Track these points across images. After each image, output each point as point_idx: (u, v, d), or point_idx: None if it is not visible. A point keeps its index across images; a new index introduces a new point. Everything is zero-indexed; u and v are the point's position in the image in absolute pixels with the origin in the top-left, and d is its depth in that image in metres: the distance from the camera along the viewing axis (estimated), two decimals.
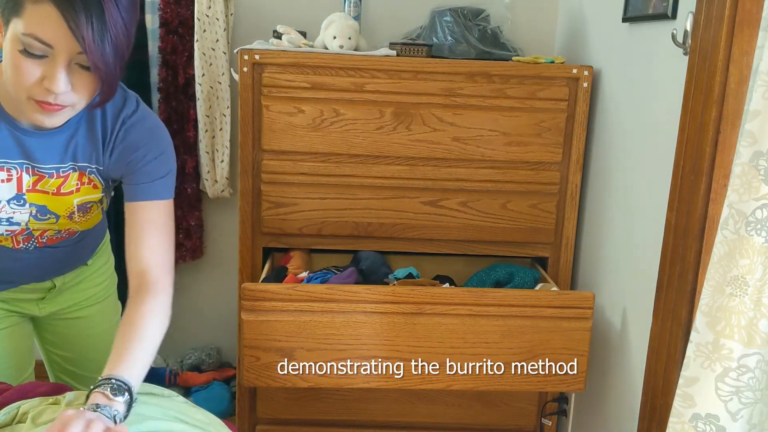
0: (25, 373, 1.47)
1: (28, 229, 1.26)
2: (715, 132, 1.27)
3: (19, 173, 1.18)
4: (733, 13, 1.22)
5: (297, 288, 1.70)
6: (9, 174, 1.17)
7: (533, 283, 1.92)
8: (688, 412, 1.13)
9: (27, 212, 1.22)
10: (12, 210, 1.20)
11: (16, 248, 1.29)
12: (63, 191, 1.23)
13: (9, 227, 1.23)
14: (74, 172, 1.22)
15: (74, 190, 1.24)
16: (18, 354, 1.44)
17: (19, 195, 1.19)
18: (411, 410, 2.07)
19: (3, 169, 1.17)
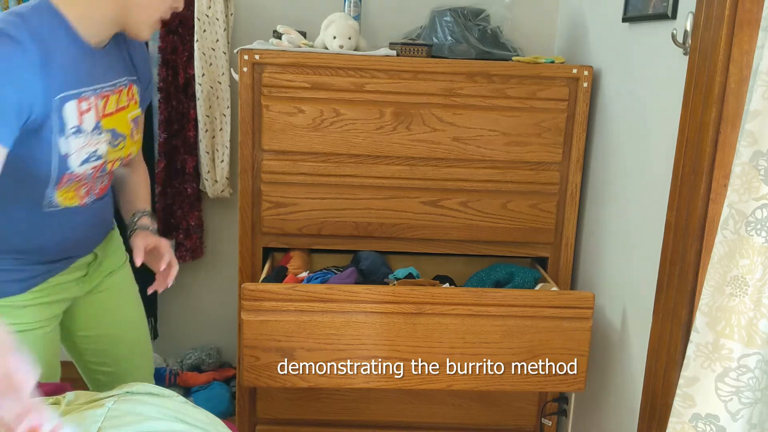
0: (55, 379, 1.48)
1: (104, 164, 1.30)
2: (715, 132, 1.27)
3: (95, 100, 1.24)
4: (733, 13, 1.22)
5: (297, 288, 1.70)
6: (88, 103, 1.22)
7: (533, 283, 1.92)
8: (688, 412, 1.13)
9: (104, 140, 1.26)
10: (95, 141, 1.24)
11: (81, 205, 1.32)
12: (120, 106, 1.29)
13: (95, 163, 1.27)
14: (125, 87, 1.32)
15: (125, 106, 1.31)
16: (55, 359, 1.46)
17: (97, 123, 1.24)
18: (411, 410, 2.07)
19: (84, 99, 1.21)
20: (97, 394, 1.14)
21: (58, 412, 1.08)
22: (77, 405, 1.10)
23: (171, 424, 1.07)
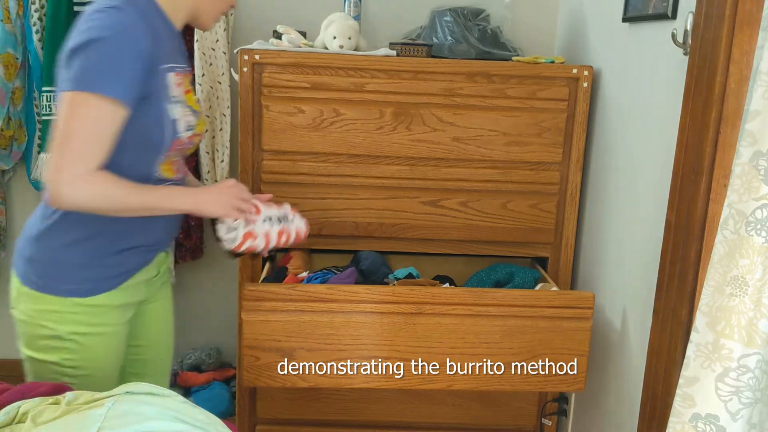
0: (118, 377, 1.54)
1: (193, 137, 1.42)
2: (715, 132, 1.27)
3: (181, 77, 1.38)
4: (733, 13, 1.22)
5: (297, 288, 1.70)
6: (178, 78, 1.36)
7: (533, 283, 1.92)
8: (688, 412, 1.13)
9: (190, 114, 1.39)
10: (187, 113, 1.38)
11: (175, 179, 1.44)
12: (187, 89, 1.41)
13: (190, 132, 1.39)
14: (189, 72, 1.45)
15: (190, 89, 1.43)
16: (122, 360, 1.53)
17: (183, 97, 1.38)
18: (411, 410, 2.07)
19: (177, 74, 1.36)
20: (97, 394, 1.13)
21: (58, 412, 1.09)
22: (77, 405, 1.10)
23: (171, 424, 1.07)
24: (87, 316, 1.38)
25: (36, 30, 2.28)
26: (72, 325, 1.37)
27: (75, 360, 1.39)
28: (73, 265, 1.36)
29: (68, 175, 1.21)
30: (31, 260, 1.38)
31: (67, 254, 1.36)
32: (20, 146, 2.40)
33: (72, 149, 1.21)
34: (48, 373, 1.40)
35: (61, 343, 1.38)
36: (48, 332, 1.37)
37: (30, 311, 1.38)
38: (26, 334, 1.40)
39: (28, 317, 1.38)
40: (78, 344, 1.38)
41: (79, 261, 1.36)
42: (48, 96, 2.29)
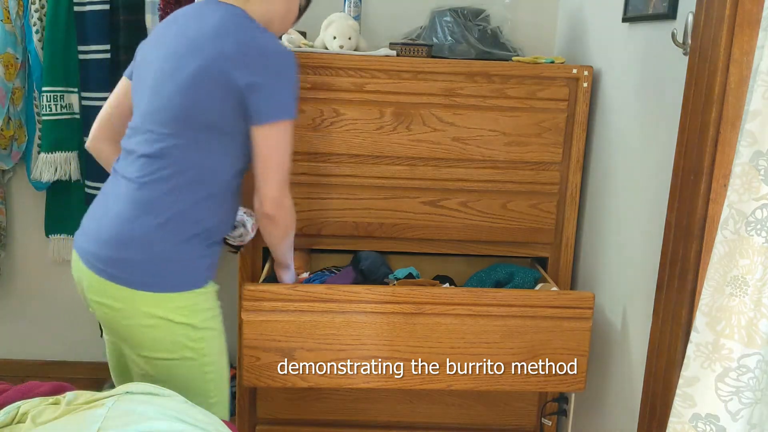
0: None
1: None
2: (715, 132, 1.27)
3: None
4: (733, 13, 1.22)
5: (297, 288, 1.70)
6: None
7: (533, 283, 1.92)
8: (688, 412, 1.13)
9: None
10: None
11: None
12: None
13: None
14: None
15: None
16: None
17: None
18: (411, 410, 2.07)
19: None
20: (96, 394, 1.14)
21: (58, 412, 1.09)
22: (77, 405, 1.10)
23: (171, 424, 1.07)
24: (208, 302, 1.50)
25: (36, 30, 2.28)
26: (201, 313, 1.47)
27: (206, 349, 1.48)
28: (192, 259, 1.46)
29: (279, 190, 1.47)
30: (151, 263, 1.42)
31: (185, 250, 1.45)
32: (20, 146, 2.40)
33: (283, 171, 1.47)
34: (190, 371, 1.46)
35: (196, 333, 1.45)
36: (179, 327, 1.43)
37: (158, 313, 1.41)
38: (157, 339, 1.43)
39: (159, 320, 1.42)
40: (210, 331, 1.50)
41: (197, 254, 1.47)
42: (48, 96, 2.29)
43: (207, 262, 1.51)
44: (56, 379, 1.50)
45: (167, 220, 1.42)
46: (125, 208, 1.42)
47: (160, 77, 1.43)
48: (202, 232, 1.47)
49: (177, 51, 1.43)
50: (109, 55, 2.31)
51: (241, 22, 1.43)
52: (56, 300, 2.58)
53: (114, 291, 1.42)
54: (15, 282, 2.58)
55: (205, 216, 1.46)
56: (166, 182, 1.42)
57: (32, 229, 2.51)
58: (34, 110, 2.38)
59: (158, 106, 1.42)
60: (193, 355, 1.46)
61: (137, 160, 1.44)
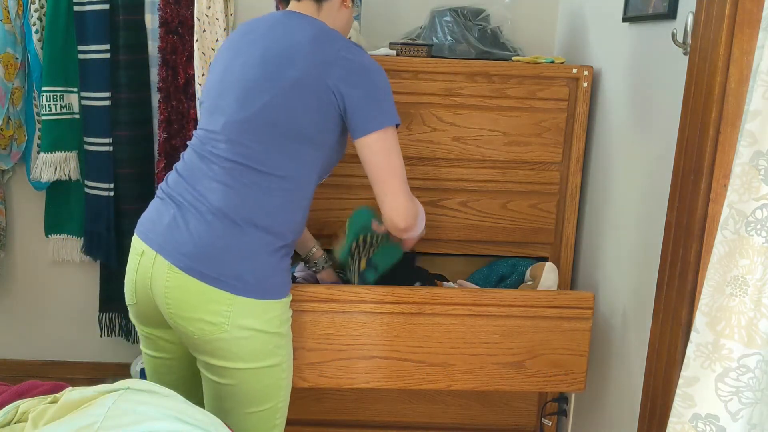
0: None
1: None
2: (715, 132, 1.27)
3: None
4: (733, 13, 1.22)
5: (297, 288, 1.70)
6: None
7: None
8: (688, 412, 1.13)
9: None
10: None
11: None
12: None
13: None
14: None
15: None
16: None
17: None
18: (411, 410, 2.07)
19: None
20: (96, 393, 1.13)
21: (58, 411, 1.08)
22: (77, 403, 1.10)
23: (171, 424, 1.07)
24: (288, 311, 1.53)
25: (36, 30, 2.28)
26: (286, 323, 1.51)
27: (287, 355, 1.52)
28: (280, 269, 1.48)
29: (406, 198, 1.48)
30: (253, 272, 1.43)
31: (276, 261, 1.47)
32: (20, 146, 2.40)
33: (402, 177, 1.47)
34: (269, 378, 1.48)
35: (282, 340, 1.49)
36: (271, 336, 1.46)
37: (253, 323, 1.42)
38: (246, 347, 1.43)
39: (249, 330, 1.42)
40: (288, 338, 1.52)
41: (284, 264, 1.50)
42: (48, 96, 2.29)
43: (289, 272, 1.54)
44: (56, 379, 1.51)
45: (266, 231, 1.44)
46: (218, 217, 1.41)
47: (249, 86, 1.43)
48: (287, 242, 1.49)
49: (267, 60, 1.43)
50: (109, 54, 2.30)
51: (332, 35, 1.46)
52: (56, 300, 2.58)
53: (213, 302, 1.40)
54: (14, 282, 2.57)
55: (290, 225, 1.48)
56: (275, 196, 1.43)
57: (32, 229, 2.51)
58: (34, 110, 2.38)
59: (248, 116, 1.42)
60: (279, 361, 1.48)
61: (229, 168, 1.42)
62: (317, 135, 1.45)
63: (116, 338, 2.49)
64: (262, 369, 1.46)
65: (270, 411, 1.49)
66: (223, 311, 1.39)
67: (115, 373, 2.48)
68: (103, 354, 2.61)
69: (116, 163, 2.36)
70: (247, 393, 1.46)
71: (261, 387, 1.48)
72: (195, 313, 1.39)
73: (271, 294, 1.45)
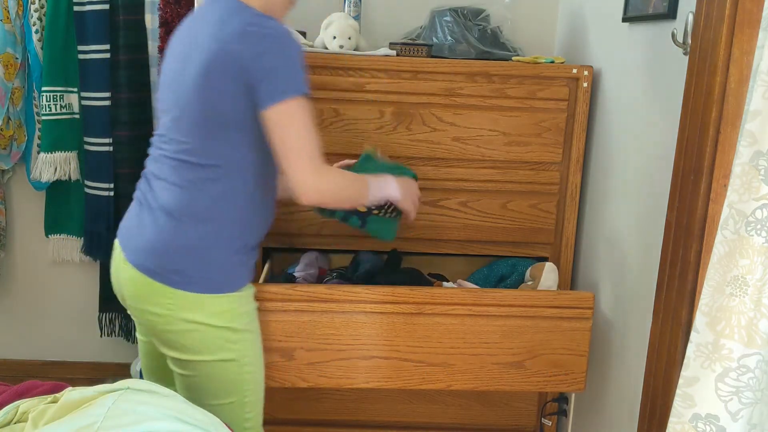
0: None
1: None
2: (715, 132, 1.27)
3: None
4: (733, 13, 1.22)
5: (297, 288, 1.70)
6: None
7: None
8: (688, 412, 1.13)
9: None
10: None
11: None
12: None
13: None
14: None
15: None
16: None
17: None
18: (411, 410, 2.07)
19: None
20: (96, 393, 1.13)
21: (58, 411, 1.08)
22: (77, 403, 1.10)
23: (171, 424, 1.07)
24: (246, 305, 1.51)
25: (36, 30, 2.28)
26: (240, 317, 1.48)
27: (246, 350, 1.50)
28: (231, 263, 1.47)
29: (310, 173, 1.37)
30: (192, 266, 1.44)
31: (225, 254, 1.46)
32: (20, 146, 2.40)
33: (306, 151, 1.37)
34: (228, 372, 1.48)
35: (235, 335, 1.47)
36: (220, 330, 1.45)
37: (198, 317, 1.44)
38: (195, 340, 1.45)
39: (195, 323, 1.44)
40: (249, 333, 1.51)
41: (236, 258, 1.47)
42: (48, 96, 2.29)
43: (245, 268, 1.51)
44: (56, 379, 1.51)
45: (211, 222, 1.43)
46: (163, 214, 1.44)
47: (174, 82, 1.44)
48: (235, 234, 1.47)
49: (183, 53, 1.43)
50: (109, 54, 2.30)
51: (241, 9, 1.40)
52: (56, 300, 2.58)
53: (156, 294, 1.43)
54: (14, 282, 2.57)
55: (234, 214, 1.45)
56: (206, 185, 1.42)
57: (32, 229, 2.51)
58: (34, 110, 2.38)
59: (180, 113, 1.42)
60: (235, 356, 1.48)
61: (173, 166, 1.44)
62: (239, 116, 1.39)
63: (116, 338, 2.49)
64: (215, 362, 1.46)
65: (236, 405, 1.49)
66: (166, 304, 1.43)
67: (115, 373, 2.48)
68: (103, 354, 2.61)
69: (116, 163, 2.36)
70: (207, 385, 1.47)
71: (220, 380, 1.48)
72: (144, 305, 1.46)
73: (216, 288, 1.44)
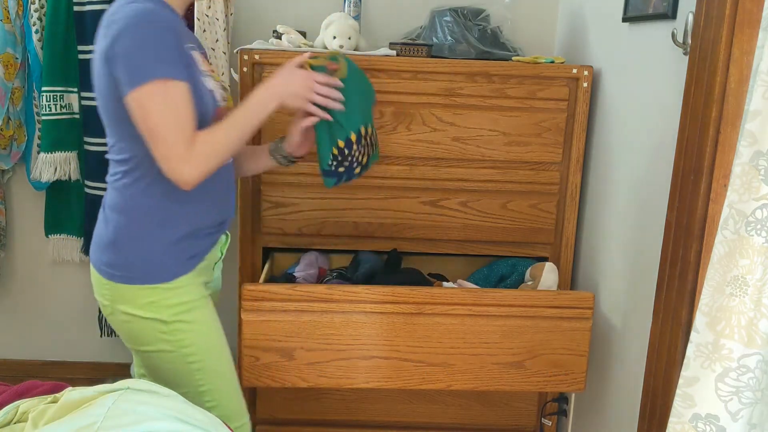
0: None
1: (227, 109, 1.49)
2: (715, 132, 1.27)
3: (201, 56, 1.46)
4: (733, 13, 1.22)
5: (297, 288, 1.70)
6: (200, 56, 1.45)
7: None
8: (688, 412, 1.13)
9: (220, 87, 1.48)
10: (217, 87, 1.46)
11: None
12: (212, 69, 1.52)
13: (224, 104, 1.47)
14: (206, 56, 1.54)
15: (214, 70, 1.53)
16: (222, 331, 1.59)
17: (204, 71, 1.44)
18: (411, 410, 2.07)
19: (199, 53, 1.44)
20: (96, 393, 1.13)
21: (58, 411, 1.08)
22: (77, 403, 1.10)
23: (171, 424, 1.07)
24: (178, 297, 1.46)
25: (36, 30, 2.28)
26: (169, 309, 1.45)
27: (185, 340, 1.47)
28: (156, 254, 1.44)
29: (178, 161, 1.31)
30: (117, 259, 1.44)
31: (148, 246, 1.44)
32: (20, 146, 2.40)
33: (170, 138, 1.30)
34: (171, 363, 1.48)
35: (167, 327, 1.45)
36: (151, 322, 1.45)
37: (128, 309, 1.45)
38: (131, 332, 1.47)
39: (126, 315, 1.45)
40: (184, 324, 1.47)
41: (159, 249, 1.44)
42: (48, 96, 2.29)
43: (174, 258, 1.46)
44: (56, 379, 1.51)
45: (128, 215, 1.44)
46: (102, 211, 1.49)
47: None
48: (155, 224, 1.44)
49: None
50: None
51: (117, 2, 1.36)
52: (56, 300, 2.58)
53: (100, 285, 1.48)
54: (14, 282, 2.57)
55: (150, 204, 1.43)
56: (122, 180, 1.44)
57: (32, 229, 2.51)
58: (34, 110, 2.38)
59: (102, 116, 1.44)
60: (171, 348, 1.46)
61: (108, 165, 1.49)
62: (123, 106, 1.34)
63: (116, 338, 2.49)
64: (153, 353, 1.47)
65: (191, 395, 1.46)
66: (106, 295, 1.46)
67: (115, 373, 2.48)
68: (103, 354, 2.61)
69: None
70: (157, 376, 1.49)
71: (165, 371, 1.49)
72: (97, 296, 1.50)
73: (139, 279, 1.43)
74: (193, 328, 1.49)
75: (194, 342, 1.49)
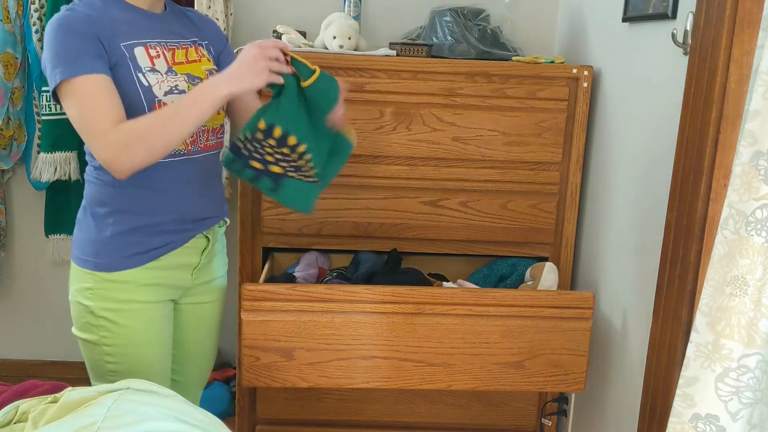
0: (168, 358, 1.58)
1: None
2: (715, 132, 1.27)
3: (161, 50, 1.45)
4: (733, 13, 1.22)
5: (297, 288, 1.70)
6: (157, 51, 1.44)
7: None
8: (688, 412, 1.13)
9: (182, 80, 1.45)
10: (173, 80, 1.44)
11: (188, 151, 1.47)
12: (191, 59, 1.50)
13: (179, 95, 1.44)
14: (190, 46, 1.52)
15: (197, 59, 1.51)
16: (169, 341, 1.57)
17: (170, 68, 1.44)
18: (411, 410, 2.07)
19: (151, 48, 1.44)
20: (96, 393, 1.13)
21: (58, 411, 1.08)
22: (76, 403, 1.10)
23: (171, 424, 1.07)
24: (115, 292, 1.45)
25: (36, 30, 2.28)
26: (101, 301, 1.44)
27: (108, 339, 1.46)
28: (101, 241, 1.45)
29: (104, 150, 1.33)
30: (75, 238, 1.50)
31: (96, 231, 1.45)
32: (20, 146, 2.40)
33: (93, 130, 1.34)
34: (91, 354, 1.49)
35: (95, 320, 1.45)
36: (83, 309, 1.46)
37: (73, 290, 1.48)
38: (72, 313, 1.50)
39: (72, 296, 1.49)
40: (109, 321, 1.45)
41: (105, 237, 1.44)
42: (48, 96, 2.29)
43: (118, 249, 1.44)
44: (56, 379, 1.51)
45: (89, 201, 1.48)
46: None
47: None
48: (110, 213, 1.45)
49: None
50: None
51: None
52: (56, 300, 2.58)
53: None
54: (15, 282, 2.57)
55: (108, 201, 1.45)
56: (90, 173, 1.49)
57: (32, 229, 2.51)
58: (34, 110, 2.38)
59: None
60: (95, 340, 1.47)
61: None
62: None
63: None
64: (81, 340, 1.49)
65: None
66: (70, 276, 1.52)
67: None
68: None
69: None
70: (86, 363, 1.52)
71: (88, 359, 1.50)
72: None
73: (84, 262, 1.46)
74: (119, 330, 1.46)
75: (115, 344, 1.47)
